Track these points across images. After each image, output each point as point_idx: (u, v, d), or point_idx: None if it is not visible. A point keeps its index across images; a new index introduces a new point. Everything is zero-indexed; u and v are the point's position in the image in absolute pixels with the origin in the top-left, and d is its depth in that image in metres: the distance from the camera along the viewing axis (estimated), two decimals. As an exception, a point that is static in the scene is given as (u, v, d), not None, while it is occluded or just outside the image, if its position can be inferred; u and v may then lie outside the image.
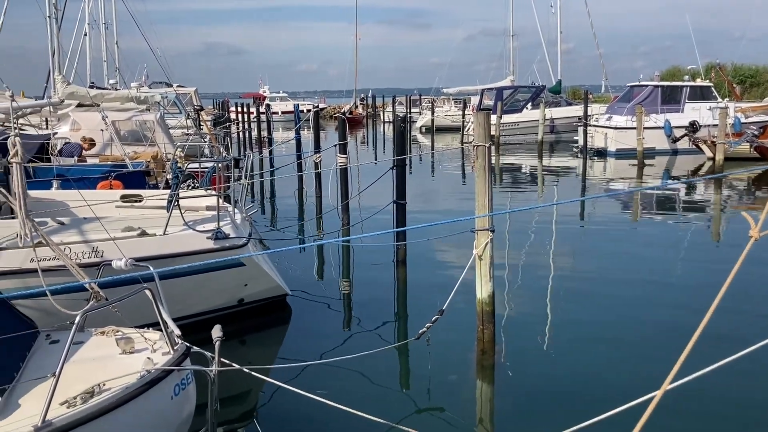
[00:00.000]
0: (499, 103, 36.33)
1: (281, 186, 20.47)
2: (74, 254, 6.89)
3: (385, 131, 50.01)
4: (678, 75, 38.13)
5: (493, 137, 7.18)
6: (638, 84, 30.86)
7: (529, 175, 25.98)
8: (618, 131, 28.30)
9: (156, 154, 14.03)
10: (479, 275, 7.05)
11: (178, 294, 7.10)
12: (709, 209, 17.33)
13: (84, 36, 31.92)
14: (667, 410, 3.00)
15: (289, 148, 23.37)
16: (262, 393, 6.50)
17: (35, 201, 7.86)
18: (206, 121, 25.57)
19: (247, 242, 8.11)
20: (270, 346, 8.19)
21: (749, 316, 8.32)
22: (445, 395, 6.58)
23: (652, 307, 9.02)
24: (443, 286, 7.61)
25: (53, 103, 12.73)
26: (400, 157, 10.99)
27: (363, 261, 11.70)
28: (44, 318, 5.73)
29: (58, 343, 5.08)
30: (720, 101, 29.07)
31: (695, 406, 5.99)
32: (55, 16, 16.17)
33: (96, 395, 4.22)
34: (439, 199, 19.55)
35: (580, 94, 42.58)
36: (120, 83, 31.32)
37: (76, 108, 16.14)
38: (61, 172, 11.26)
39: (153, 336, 5.12)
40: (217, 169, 8.99)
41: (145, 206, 8.88)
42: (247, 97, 64.33)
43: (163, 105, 19.50)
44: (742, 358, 3.74)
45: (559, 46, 42.60)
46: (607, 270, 11.09)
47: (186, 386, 4.73)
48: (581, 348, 7.66)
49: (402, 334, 8.27)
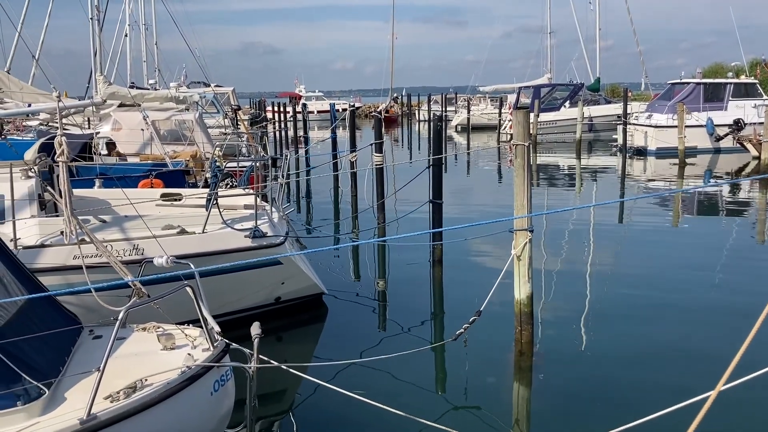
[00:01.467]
0: (537, 101, 35.96)
1: (317, 185, 20.58)
2: (116, 251, 7.01)
3: (420, 130, 49.92)
4: (721, 72, 37.25)
5: (530, 136, 7.10)
6: (680, 81, 30.25)
7: (567, 174, 25.67)
8: (658, 129, 27.78)
9: (195, 153, 14.22)
10: (517, 276, 6.97)
11: (217, 291, 7.18)
12: (754, 210, 16.88)
13: (125, 37, 32.64)
14: (713, 414, 2.93)
15: (325, 147, 23.48)
16: (299, 390, 6.54)
17: (78, 199, 8.02)
18: (243, 120, 25.83)
19: (284, 241, 8.17)
20: (307, 344, 8.24)
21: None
22: (482, 396, 6.54)
23: (695, 310, 8.83)
24: (480, 287, 7.55)
25: (96, 103, 13.01)
26: (436, 156, 10.95)
27: (399, 260, 11.70)
28: (88, 314, 5.85)
29: (102, 338, 5.19)
30: (766, 98, 28.33)
31: (745, 410, 5.83)
32: (97, 17, 16.53)
33: (138, 390, 4.29)
34: (475, 198, 19.44)
35: (620, 91, 41.88)
36: (159, 83, 31.90)
37: (117, 108, 16.45)
38: (104, 170, 11.49)
39: (193, 333, 5.19)
40: (254, 168, 9.07)
41: (185, 205, 9.00)
42: (283, 97, 64.84)
43: (201, 104, 19.76)
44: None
45: (598, 43, 42.01)
46: (648, 271, 10.87)
47: (225, 382, 4.78)
48: (621, 351, 7.53)
49: (438, 334, 8.24)
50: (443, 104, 51.03)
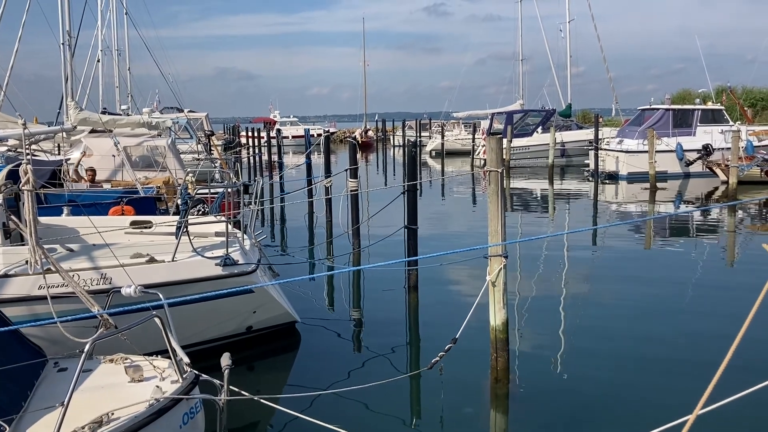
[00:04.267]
0: (509, 127, 36.36)
1: (292, 211, 20.46)
2: (83, 281, 6.85)
3: (395, 155, 50.13)
4: (689, 98, 38.00)
5: (503, 161, 7.11)
6: (649, 107, 30.82)
7: (540, 199, 25.88)
8: (629, 155, 28.24)
9: (167, 179, 14.07)
10: (492, 302, 6.94)
11: (187, 321, 7.04)
12: (722, 234, 17.13)
13: (97, 62, 32.33)
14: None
15: (300, 172, 23.42)
16: (271, 422, 6.40)
17: (45, 227, 7.85)
18: (217, 145, 25.70)
19: (256, 268, 8.05)
20: (279, 374, 8.09)
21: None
22: (458, 425, 6.45)
23: (668, 335, 8.86)
24: (456, 313, 7.51)
25: (66, 129, 12.84)
26: (411, 182, 10.95)
27: (374, 286, 11.61)
28: (53, 346, 5.68)
29: (67, 371, 5.04)
30: (732, 124, 28.98)
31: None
32: (68, 43, 16.36)
33: (104, 425, 4.17)
34: (450, 223, 19.47)
35: (591, 117, 42.55)
36: (132, 109, 31.65)
37: (88, 134, 16.27)
38: (73, 197, 11.28)
39: (162, 364, 5.06)
40: (226, 194, 8.97)
41: (155, 232, 8.85)
42: (257, 122, 64.75)
43: (174, 130, 19.60)
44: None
45: (569, 69, 42.79)
46: (622, 296, 10.92)
47: (195, 415, 4.67)
48: (597, 376, 7.51)
49: (414, 362, 8.15)
50: (418, 130, 51.37)
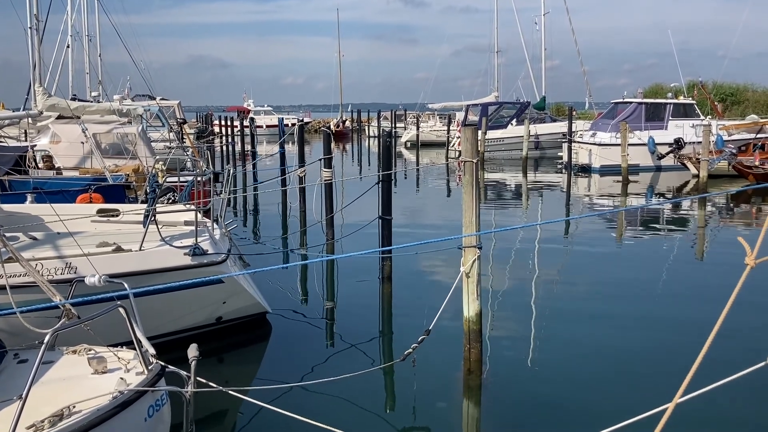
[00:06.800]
0: (484, 119, 36.43)
1: (265, 200, 20.27)
2: (46, 270, 6.66)
3: (370, 146, 49.97)
4: (661, 92, 38.47)
5: (478, 153, 7.05)
6: (622, 101, 31.10)
7: (514, 190, 25.98)
8: (602, 148, 28.47)
9: (137, 167, 13.81)
10: (466, 293, 6.89)
11: (155, 311, 6.89)
12: (692, 226, 17.34)
13: (66, 48, 31.67)
14: (670, 428, 2.88)
15: (274, 161, 23.20)
16: (240, 414, 6.29)
17: (8, 215, 7.62)
18: (189, 134, 25.34)
19: (226, 258, 7.91)
20: (249, 365, 7.96)
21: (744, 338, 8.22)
22: (430, 416, 6.40)
23: (639, 326, 8.91)
24: (429, 304, 7.45)
25: (31, 114, 12.50)
26: (386, 172, 10.86)
27: (348, 276, 11.52)
28: (12, 337, 5.50)
29: (27, 363, 4.87)
30: (703, 119, 29.35)
31: (702, 423, 5.82)
32: (36, 27, 15.91)
33: (65, 418, 4.02)
34: (425, 214, 19.44)
35: (565, 110, 42.82)
36: (102, 96, 31.08)
37: (56, 120, 15.88)
38: (38, 184, 11.02)
39: (127, 355, 4.92)
40: (195, 183, 8.79)
41: (122, 221, 8.65)
42: (231, 111, 64.15)
43: (145, 118, 19.26)
44: (738, 379, 3.63)
45: (543, 62, 42.90)
46: (595, 287, 10.99)
47: (160, 407, 4.56)
48: (569, 367, 7.51)
49: (387, 354, 8.09)
50: (393, 121, 51.29)
